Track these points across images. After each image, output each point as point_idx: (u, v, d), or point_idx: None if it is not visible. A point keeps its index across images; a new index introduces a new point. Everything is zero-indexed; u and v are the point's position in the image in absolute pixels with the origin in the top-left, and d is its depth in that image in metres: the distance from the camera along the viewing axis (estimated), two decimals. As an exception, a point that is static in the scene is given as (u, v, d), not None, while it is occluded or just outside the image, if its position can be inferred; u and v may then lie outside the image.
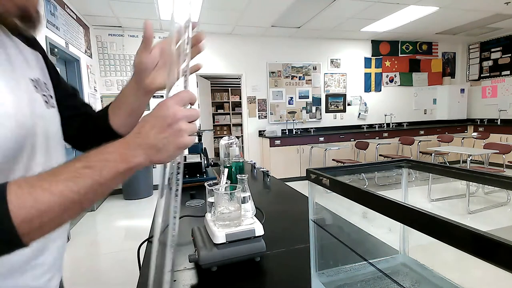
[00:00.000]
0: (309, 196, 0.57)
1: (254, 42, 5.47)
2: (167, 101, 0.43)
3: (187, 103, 0.45)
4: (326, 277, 0.59)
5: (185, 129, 0.43)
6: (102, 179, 0.39)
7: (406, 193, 0.65)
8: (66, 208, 0.37)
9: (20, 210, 0.34)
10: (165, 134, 0.42)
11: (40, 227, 0.37)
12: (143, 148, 0.42)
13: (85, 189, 0.38)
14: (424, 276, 0.59)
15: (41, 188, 0.36)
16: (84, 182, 0.38)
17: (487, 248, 0.23)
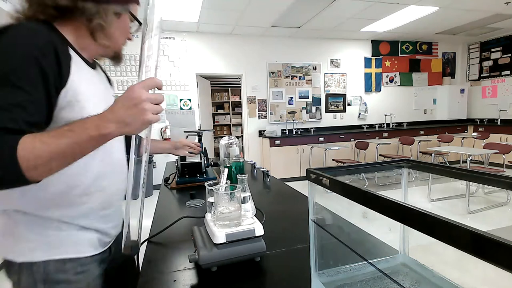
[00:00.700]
0: (309, 196, 0.57)
1: (254, 42, 5.47)
2: (135, 86, 0.56)
3: (152, 88, 0.58)
4: (326, 277, 0.59)
5: (148, 109, 0.56)
6: (79, 140, 0.54)
7: (406, 193, 0.65)
8: (52, 157, 0.53)
9: (22, 151, 0.50)
10: (131, 112, 0.55)
11: (35, 167, 0.52)
12: (114, 122, 0.55)
13: (66, 146, 0.53)
14: (424, 276, 0.59)
15: (39, 140, 0.52)
16: (66, 140, 0.53)
17: (487, 248, 0.23)
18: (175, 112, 5.05)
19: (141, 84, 0.57)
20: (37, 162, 0.51)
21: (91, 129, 0.54)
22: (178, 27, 4.75)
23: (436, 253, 0.58)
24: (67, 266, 0.71)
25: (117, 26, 0.75)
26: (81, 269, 0.73)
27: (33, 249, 0.68)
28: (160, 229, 0.95)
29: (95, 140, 0.55)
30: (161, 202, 1.35)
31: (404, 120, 6.61)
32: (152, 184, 4.64)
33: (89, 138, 0.54)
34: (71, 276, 0.71)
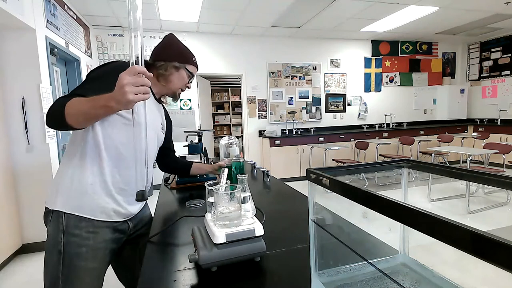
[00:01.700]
0: (309, 196, 0.57)
1: (254, 42, 5.47)
2: (121, 73, 0.74)
3: (135, 73, 0.75)
4: (326, 277, 0.59)
5: (128, 91, 0.73)
6: (96, 105, 0.79)
7: (406, 193, 0.65)
8: (80, 111, 0.81)
9: (69, 103, 0.82)
10: (119, 93, 0.74)
11: (69, 115, 0.81)
12: (113, 99, 0.75)
13: (88, 107, 0.80)
14: (424, 276, 0.59)
15: (80, 99, 0.83)
16: (89, 103, 0.80)
17: (487, 248, 0.23)
18: (175, 112, 5.05)
19: (125, 71, 0.75)
20: (70, 111, 0.81)
21: (103, 101, 0.77)
22: (178, 27, 4.75)
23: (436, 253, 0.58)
24: (82, 224, 0.94)
25: (175, 75, 1.14)
26: (93, 230, 0.95)
27: (64, 203, 0.94)
28: (160, 229, 0.95)
29: (104, 109, 0.78)
30: (161, 202, 1.35)
31: (404, 120, 6.61)
32: (152, 184, 4.63)
33: (100, 106, 0.78)
34: (84, 233, 0.94)
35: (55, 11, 3.09)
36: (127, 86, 0.73)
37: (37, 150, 2.68)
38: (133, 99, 0.74)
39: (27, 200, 2.70)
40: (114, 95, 0.75)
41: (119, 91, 0.74)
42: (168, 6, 3.89)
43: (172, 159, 1.41)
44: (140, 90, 0.75)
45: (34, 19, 2.61)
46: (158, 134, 1.18)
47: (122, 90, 0.73)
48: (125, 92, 0.73)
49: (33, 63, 2.61)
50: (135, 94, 0.74)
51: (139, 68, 0.76)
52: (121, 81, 0.73)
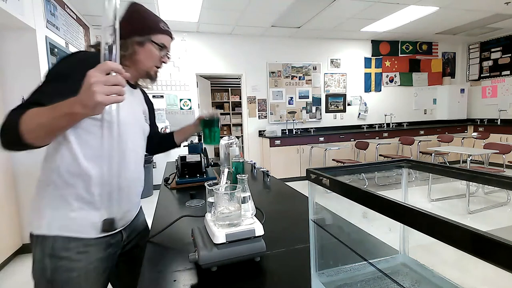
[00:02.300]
0: (309, 196, 0.57)
1: (254, 42, 5.47)
2: (89, 71, 0.62)
3: (107, 71, 0.62)
4: (326, 277, 0.59)
5: (97, 91, 0.60)
6: (58, 115, 0.66)
7: (406, 193, 0.65)
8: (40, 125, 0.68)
9: (22, 123, 0.67)
10: (85, 94, 0.61)
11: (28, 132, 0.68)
12: (78, 103, 0.63)
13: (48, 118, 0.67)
14: (424, 276, 0.59)
15: (38, 110, 0.69)
16: (50, 113, 0.67)
17: (487, 248, 0.23)
18: (175, 112, 5.05)
19: (94, 68, 0.62)
20: (26, 127, 0.67)
21: (65, 108, 0.65)
22: (178, 27, 4.75)
23: (436, 253, 0.58)
24: (71, 245, 0.83)
25: (141, 53, 0.94)
26: (84, 249, 0.85)
27: (48, 224, 0.83)
28: (160, 229, 0.95)
29: (68, 117, 0.66)
30: (161, 202, 1.35)
31: (404, 120, 6.61)
32: (152, 184, 4.64)
33: (62, 115, 0.66)
34: (73, 254, 0.83)
35: (55, 11, 3.09)
36: (96, 85, 0.59)
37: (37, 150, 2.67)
38: (103, 100, 0.60)
39: (27, 200, 2.70)
40: (80, 98, 0.62)
41: (86, 92, 0.61)
42: (168, 6, 3.89)
43: (157, 141, 1.29)
44: (112, 90, 0.62)
45: (34, 19, 2.61)
46: (144, 128, 1.05)
47: (89, 90, 0.60)
48: (93, 93, 0.59)
49: (33, 63, 2.61)
50: (106, 95, 0.61)
51: (112, 65, 0.63)
52: (89, 80, 0.60)
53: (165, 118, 4.95)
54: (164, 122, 4.95)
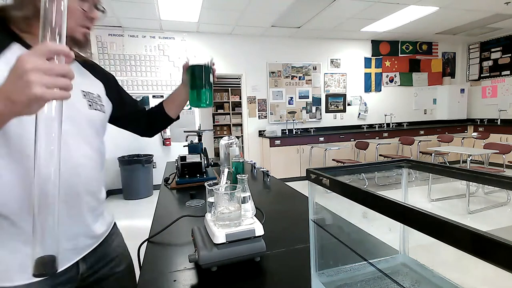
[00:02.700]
0: (309, 196, 0.57)
1: (254, 42, 5.47)
2: (22, 54, 0.44)
3: (50, 56, 0.45)
4: (326, 277, 0.59)
5: (35, 80, 0.42)
6: None
7: (406, 193, 0.65)
8: None
9: None
10: (15, 86, 0.44)
11: None
12: (1, 100, 0.45)
13: None
14: (424, 276, 0.59)
15: None
16: None
17: (487, 248, 0.23)
18: (175, 112, 5.05)
19: (31, 51, 0.44)
20: None
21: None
22: (178, 27, 4.75)
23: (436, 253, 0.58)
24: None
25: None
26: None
27: None
28: (160, 229, 0.95)
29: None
30: (161, 202, 1.35)
31: (404, 120, 6.61)
32: (152, 184, 4.64)
33: None
34: None
35: (55, 11, 3.09)
36: (33, 73, 0.42)
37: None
38: (43, 94, 0.43)
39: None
40: (6, 89, 0.44)
41: (16, 82, 0.43)
42: (168, 6, 3.89)
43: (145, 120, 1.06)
44: (57, 82, 0.44)
45: (34, 19, 2.60)
46: (91, 118, 0.77)
47: (22, 79, 0.43)
48: (28, 83, 0.42)
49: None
50: (48, 88, 0.43)
51: (57, 47, 0.45)
52: (22, 65, 0.43)
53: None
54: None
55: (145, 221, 3.51)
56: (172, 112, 1.07)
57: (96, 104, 0.79)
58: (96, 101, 0.79)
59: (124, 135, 4.94)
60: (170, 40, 4.92)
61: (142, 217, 3.75)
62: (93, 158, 0.76)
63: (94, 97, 0.79)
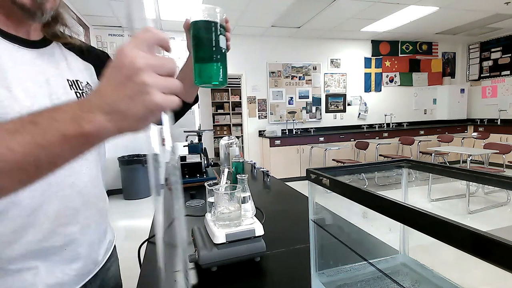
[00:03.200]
0: (309, 196, 0.57)
1: (254, 42, 5.47)
2: (123, 46, 0.32)
3: (154, 46, 0.34)
4: (326, 277, 0.59)
5: (151, 83, 0.31)
6: (45, 140, 0.31)
7: (406, 193, 0.65)
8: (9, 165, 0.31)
9: None
10: (125, 90, 0.31)
11: None
12: (104, 111, 0.32)
13: (22, 148, 0.30)
14: (424, 276, 0.59)
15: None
16: (22, 138, 0.31)
17: (487, 248, 0.23)
18: (175, 112, 5.05)
19: (134, 41, 0.32)
20: None
21: (64, 123, 0.31)
22: (178, 27, 4.75)
23: (436, 253, 0.58)
24: None
25: None
26: None
27: None
28: (160, 229, 0.95)
29: (73, 141, 0.32)
30: (161, 202, 1.35)
31: (404, 120, 6.61)
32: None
33: (61, 138, 0.31)
34: None
35: (55, 11, 3.09)
36: (147, 73, 0.32)
37: None
38: (163, 103, 0.32)
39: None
40: (111, 97, 0.32)
41: (126, 86, 0.31)
42: (168, 6, 3.89)
43: None
44: (171, 84, 0.34)
45: (34, 19, 2.60)
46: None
47: (136, 81, 0.31)
48: (146, 87, 0.31)
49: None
50: (164, 94, 0.33)
51: (161, 34, 0.35)
52: (132, 61, 0.31)
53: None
54: (164, 122, 4.94)
55: (145, 221, 3.51)
56: (185, 94, 0.82)
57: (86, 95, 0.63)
58: (86, 91, 0.64)
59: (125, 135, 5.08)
60: (170, 40, 4.92)
61: (142, 217, 3.75)
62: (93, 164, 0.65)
63: (83, 86, 0.64)
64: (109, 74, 0.33)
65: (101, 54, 0.77)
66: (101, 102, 0.32)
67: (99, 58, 0.75)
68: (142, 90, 0.31)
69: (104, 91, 0.33)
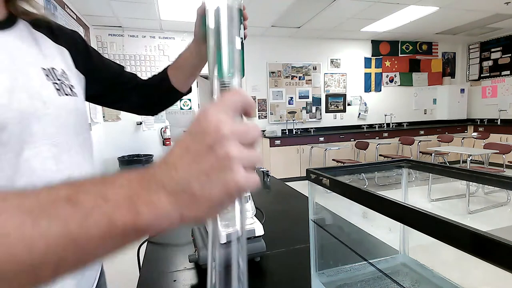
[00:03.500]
0: (309, 196, 0.57)
1: (254, 42, 5.47)
2: (206, 109, 0.26)
3: (239, 111, 0.28)
4: (326, 277, 0.60)
5: (236, 156, 0.24)
6: (83, 231, 0.21)
7: (406, 193, 0.65)
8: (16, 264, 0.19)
9: None
10: (203, 163, 0.24)
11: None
12: (170, 190, 0.24)
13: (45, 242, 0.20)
14: (424, 276, 0.59)
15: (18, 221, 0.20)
16: (49, 227, 0.20)
17: (487, 248, 0.23)
18: (175, 112, 5.05)
19: (219, 104, 0.27)
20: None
21: (117, 205, 0.23)
22: (178, 27, 4.75)
23: (436, 253, 0.58)
24: None
25: None
26: None
27: None
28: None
29: (120, 233, 0.23)
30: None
31: (404, 120, 6.61)
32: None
33: (107, 229, 0.22)
34: None
35: (55, 11, 3.09)
36: (233, 144, 0.25)
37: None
38: (244, 183, 0.25)
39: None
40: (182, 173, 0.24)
41: (205, 159, 0.24)
42: (168, 6, 3.89)
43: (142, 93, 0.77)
44: (252, 159, 0.26)
45: (34, 19, 2.60)
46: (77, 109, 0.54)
47: (220, 154, 0.24)
48: (230, 161, 0.24)
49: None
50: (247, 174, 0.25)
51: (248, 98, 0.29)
52: (218, 127, 0.25)
53: (165, 118, 4.95)
54: (164, 122, 4.95)
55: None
56: (180, 84, 0.76)
57: (65, 87, 0.52)
58: (63, 80, 0.53)
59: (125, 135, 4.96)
60: (170, 40, 4.92)
61: (142, 217, 3.74)
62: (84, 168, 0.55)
63: (59, 75, 0.52)
64: (186, 140, 0.26)
65: (72, 34, 0.64)
66: (169, 178, 0.24)
67: (72, 40, 0.62)
68: (224, 165, 0.24)
69: (176, 162, 0.25)
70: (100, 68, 0.69)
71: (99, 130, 4.44)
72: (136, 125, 4.80)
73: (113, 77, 0.73)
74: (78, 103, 0.55)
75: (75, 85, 0.56)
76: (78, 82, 0.59)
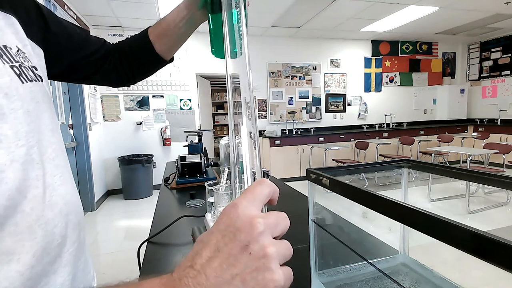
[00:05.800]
0: (309, 196, 0.57)
1: (254, 42, 5.46)
2: (236, 203, 0.25)
3: (265, 202, 0.28)
4: (326, 277, 0.59)
5: (272, 254, 0.22)
6: None
7: (406, 193, 0.65)
8: None
9: None
10: (239, 265, 0.22)
11: None
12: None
13: None
14: (424, 276, 0.59)
15: None
16: None
17: (487, 248, 0.23)
18: (175, 112, 5.05)
19: (248, 196, 0.26)
20: None
21: None
22: (178, 27, 4.75)
23: (436, 253, 0.58)
24: None
25: None
26: None
27: None
28: (160, 229, 0.95)
29: None
30: (161, 202, 1.35)
31: (404, 120, 6.61)
32: (152, 184, 4.64)
33: None
34: None
35: (55, 11, 3.09)
36: (267, 238, 0.23)
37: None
38: (284, 284, 0.22)
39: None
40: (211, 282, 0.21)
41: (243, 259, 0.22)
42: (168, 6, 3.89)
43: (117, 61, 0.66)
44: (287, 252, 0.25)
45: (34, 19, 2.60)
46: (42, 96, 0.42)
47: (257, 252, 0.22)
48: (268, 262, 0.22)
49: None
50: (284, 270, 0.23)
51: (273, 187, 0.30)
52: (252, 224, 0.23)
53: (165, 118, 4.95)
54: (164, 122, 4.95)
55: (145, 221, 3.51)
56: (165, 52, 0.67)
57: (26, 69, 0.39)
58: (22, 61, 0.39)
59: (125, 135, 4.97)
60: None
61: (142, 217, 3.75)
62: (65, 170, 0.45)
63: (15, 54, 0.38)
64: (216, 239, 0.23)
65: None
66: (197, 286, 0.21)
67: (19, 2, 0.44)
68: (262, 265, 0.21)
69: (205, 266, 0.22)
70: (62, 38, 0.54)
71: (99, 130, 4.44)
72: (136, 125, 4.81)
73: (79, 47, 0.59)
74: (44, 89, 0.43)
75: (36, 65, 0.43)
76: (38, 61, 0.44)
